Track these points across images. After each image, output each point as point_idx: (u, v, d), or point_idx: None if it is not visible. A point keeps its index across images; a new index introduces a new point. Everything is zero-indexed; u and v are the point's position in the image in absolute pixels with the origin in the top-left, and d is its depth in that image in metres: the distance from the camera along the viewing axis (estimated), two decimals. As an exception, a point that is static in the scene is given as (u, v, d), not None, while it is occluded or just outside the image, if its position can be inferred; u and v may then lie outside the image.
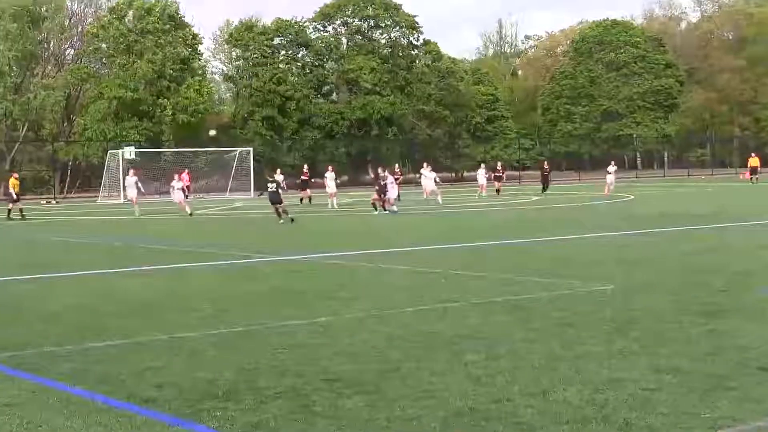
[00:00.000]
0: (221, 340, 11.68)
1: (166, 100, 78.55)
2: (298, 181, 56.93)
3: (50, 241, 29.89)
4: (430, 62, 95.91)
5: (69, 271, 20.54)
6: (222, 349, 11.08)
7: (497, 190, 57.00)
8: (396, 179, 48.77)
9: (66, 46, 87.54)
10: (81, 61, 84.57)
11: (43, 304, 15.22)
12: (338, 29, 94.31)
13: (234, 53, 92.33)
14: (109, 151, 69.56)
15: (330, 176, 48.50)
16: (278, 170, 42.56)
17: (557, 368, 9.62)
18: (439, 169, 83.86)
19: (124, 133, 76.55)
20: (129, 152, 66.56)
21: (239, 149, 73.06)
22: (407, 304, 14.16)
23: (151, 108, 78.78)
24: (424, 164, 54.47)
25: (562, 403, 8.32)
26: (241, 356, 10.63)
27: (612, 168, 59.51)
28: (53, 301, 15.58)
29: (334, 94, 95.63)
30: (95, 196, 67.97)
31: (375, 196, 42.43)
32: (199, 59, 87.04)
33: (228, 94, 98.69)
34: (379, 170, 43.82)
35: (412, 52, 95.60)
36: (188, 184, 65.47)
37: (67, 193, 76.43)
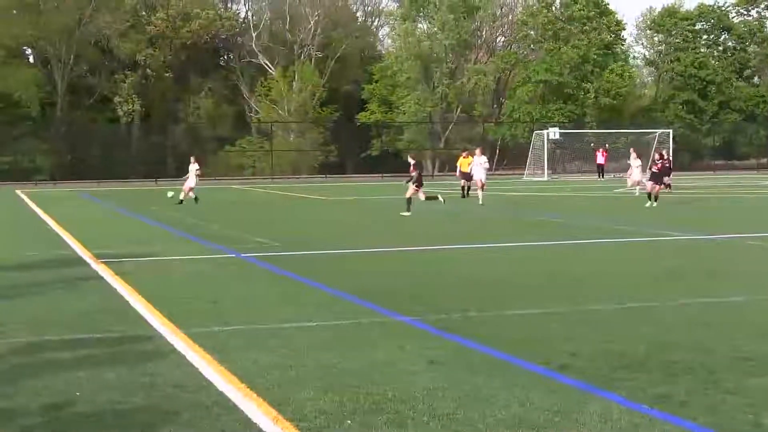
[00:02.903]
0: (631, 314, 11.47)
1: (589, 83, 78.61)
2: None
3: (475, 213, 30.53)
4: None
5: (493, 242, 20.97)
6: (632, 323, 10.89)
7: None
8: None
9: (497, 34, 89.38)
10: (510, 48, 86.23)
11: (473, 272, 15.60)
12: (762, 13, 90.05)
13: (656, 38, 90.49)
14: (535, 132, 70.34)
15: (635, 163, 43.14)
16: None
17: None
18: None
19: (549, 115, 77.43)
20: (553, 132, 67.19)
21: (659, 131, 71.77)
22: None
23: (575, 91, 79.06)
24: None
25: None
26: (652, 330, 10.39)
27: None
28: (482, 270, 15.94)
29: (756, 78, 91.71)
30: (521, 174, 68.99)
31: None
32: (622, 44, 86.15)
33: (649, 78, 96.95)
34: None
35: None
36: (603, 162, 65.41)
37: (494, 169, 78.10)
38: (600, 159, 65.74)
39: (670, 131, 70.45)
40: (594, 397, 7.64)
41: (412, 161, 31.38)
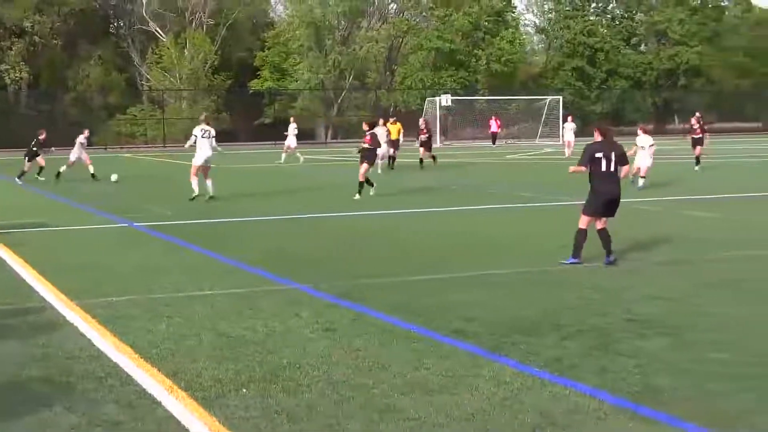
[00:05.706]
0: (528, 279, 11.65)
1: (480, 50, 79.22)
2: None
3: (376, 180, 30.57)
4: (740, 13, 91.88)
5: (394, 209, 21.03)
6: (529, 287, 11.06)
7: None
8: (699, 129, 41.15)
9: (389, 1, 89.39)
10: (402, 15, 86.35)
11: (373, 240, 15.64)
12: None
13: (546, 6, 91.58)
14: (427, 99, 70.68)
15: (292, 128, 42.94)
16: None
17: None
18: (747, 119, 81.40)
19: (441, 82, 77.85)
20: (445, 99, 67.51)
21: (549, 98, 72.76)
22: (715, 251, 13.68)
23: (466, 58, 79.62)
24: None
25: None
26: (548, 294, 10.57)
27: None
28: (383, 237, 15.99)
29: (643, 45, 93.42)
30: (413, 140, 69.18)
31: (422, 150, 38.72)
32: (513, 12, 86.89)
33: (540, 45, 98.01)
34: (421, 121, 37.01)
35: (722, 3, 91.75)
36: (497, 130, 66.03)
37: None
38: (493, 127, 66.32)
39: (560, 98, 71.47)
40: (487, 361, 7.75)
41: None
